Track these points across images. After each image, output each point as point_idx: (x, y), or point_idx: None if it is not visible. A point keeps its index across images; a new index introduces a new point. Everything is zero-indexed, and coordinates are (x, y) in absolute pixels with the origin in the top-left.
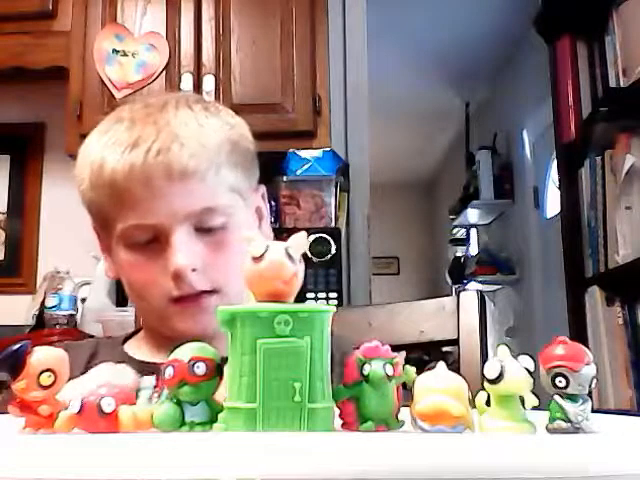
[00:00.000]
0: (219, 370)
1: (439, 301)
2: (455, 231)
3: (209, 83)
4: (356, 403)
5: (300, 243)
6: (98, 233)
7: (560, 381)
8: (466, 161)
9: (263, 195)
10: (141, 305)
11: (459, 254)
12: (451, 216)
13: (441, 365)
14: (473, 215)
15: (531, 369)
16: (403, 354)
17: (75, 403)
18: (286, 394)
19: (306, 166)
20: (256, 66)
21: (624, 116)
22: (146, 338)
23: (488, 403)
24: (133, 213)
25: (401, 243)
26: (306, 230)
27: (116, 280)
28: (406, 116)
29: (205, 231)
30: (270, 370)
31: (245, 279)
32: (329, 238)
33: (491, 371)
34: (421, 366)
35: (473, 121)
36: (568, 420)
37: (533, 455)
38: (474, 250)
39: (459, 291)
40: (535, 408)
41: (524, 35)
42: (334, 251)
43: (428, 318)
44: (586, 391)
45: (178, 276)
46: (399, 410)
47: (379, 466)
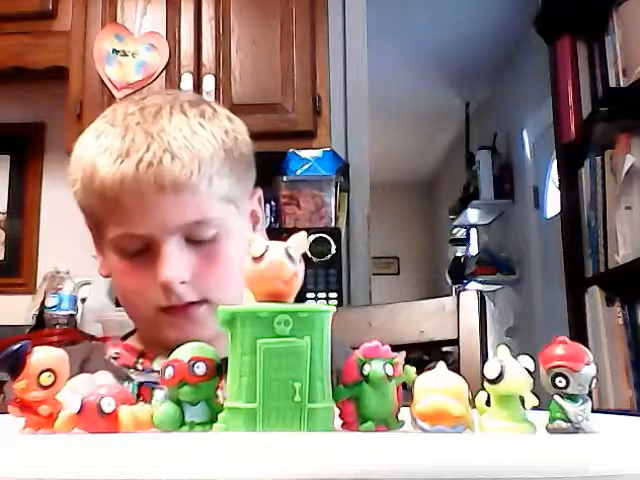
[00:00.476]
0: (219, 370)
1: (439, 301)
2: (455, 231)
3: (209, 83)
4: (356, 403)
5: (300, 243)
6: (92, 231)
7: (560, 381)
8: (466, 161)
9: (259, 199)
10: (131, 311)
11: (459, 254)
12: (451, 216)
13: (441, 365)
14: (473, 215)
15: (531, 369)
16: (403, 354)
17: (75, 403)
18: (286, 394)
19: (306, 166)
20: (256, 66)
21: (624, 116)
22: (140, 340)
23: (488, 403)
24: (123, 223)
25: (401, 243)
26: (306, 230)
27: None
28: (406, 116)
29: (196, 242)
30: (270, 370)
31: (245, 279)
32: (329, 238)
33: (491, 371)
34: (421, 366)
35: (473, 121)
36: (568, 420)
37: (533, 455)
38: (474, 250)
39: (459, 291)
40: (535, 408)
41: (524, 35)
42: (334, 251)
43: (428, 318)
44: (586, 391)
45: (167, 288)
46: (399, 410)
47: (379, 466)
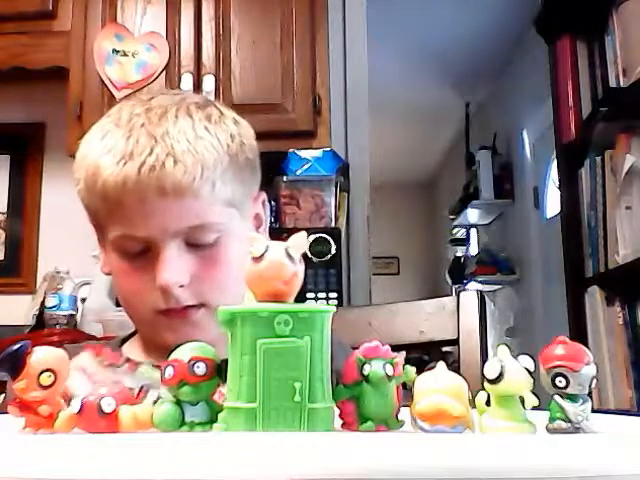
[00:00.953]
0: (219, 370)
1: (439, 301)
2: (455, 231)
3: (209, 83)
4: (356, 403)
5: (300, 243)
6: (95, 229)
7: (560, 381)
8: (466, 161)
9: (263, 202)
10: (129, 312)
11: (459, 254)
12: (451, 216)
13: (441, 365)
14: (473, 215)
15: (531, 369)
16: (403, 354)
17: (75, 403)
18: (286, 394)
19: (306, 166)
20: (256, 66)
21: (624, 116)
22: (141, 340)
23: (488, 403)
24: (124, 224)
25: (401, 243)
26: (306, 230)
27: None
28: (406, 116)
29: (196, 246)
30: (270, 370)
31: (245, 279)
32: (329, 238)
33: (491, 371)
34: (421, 366)
35: (473, 121)
36: (568, 420)
37: (533, 455)
38: (474, 250)
39: (459, 291)
40: (535, 408)
41: (524, 35)
42: (334, 251)
43: (428, 318)
44: (586, 391)
45: (165, 291)
46: (399, 410)
47: (379, 466)
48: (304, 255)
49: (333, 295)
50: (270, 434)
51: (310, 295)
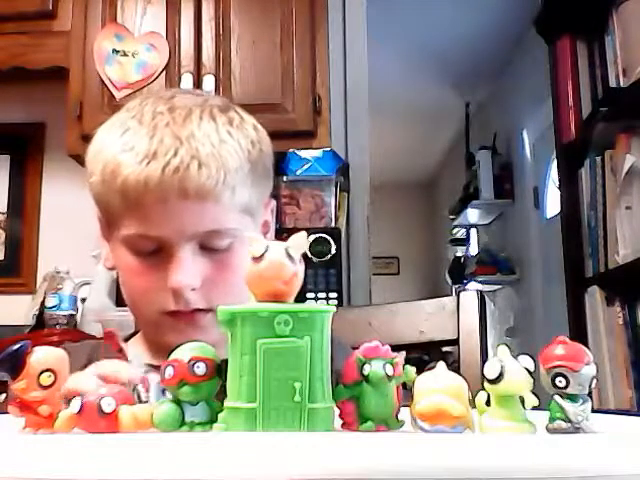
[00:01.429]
0: (219, 370)
1: (439, 301)
2: (455, 231)
3: (209, 83)
4: (356, 403)
5: (300, 243)
6: (101, 222)
7: (560, 381)
8: (466, 161)
9: (272, 210)
10: (134, 310)
11: (459, 254)
12: (451, 216)
13: (441, 365)
14: (473, 215)
15: (531, 369)
16: (403, 354)
17: (75, 403)
18: (286, 394)
19: (306, 166)
20: (256, 66)
21: (624, 116)
22: (144, 340)
23: (488, 403)
24: (141, 223)
25: (401, 243)
26: (306, 230)
27: (116, 280)
28: (406, 116)
29: (210, 250)
30: (270, 370)
31: (245, 279)
32: (329, 238)
33: (491, 371)
34: (421, 366)
35: (473, 121)
36: (568, 420)
37: (533, 455)
38: (474, 250)
39: (459, 291)
40: (535, 408)
41: (524, 35)
42: (334, 251)
43: (428, 318)
44: (586, 391)
45: (176, 293)
46: (399, 410)
47: (379, 466)
48: (304, 255)
49: (333, 295)
50: (270, 434)
51: (310, 295)
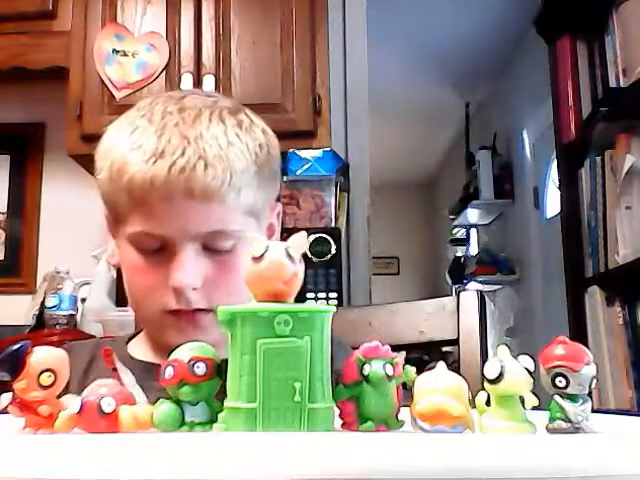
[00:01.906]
0: (219, 371)
1: (439, 301)
2: (455, 231)
3: (209, 83)
4: (356, 403)
5: (300, 243)
6: (108, 219)
7: (560, 381)
8: (466, 161)
9: (278, 213)
10: (136, 308)
11: (459, 254)
12: (451, 216)
13: (441, 365)
14: (473, 215)
15: (531, 369)
16: (403, 354)
17: (75, 403)
18: (286, 394)
19: (306, 166)
20: (256, 66)
21: (624, 116)
22: (147, 339)
23: (488, 403)
24: (145, 221)
25: (401, 243)
26: (306, 230)
27: (116, 280)
28: (406, 116)
29: (213, 251)
30: (270, 370)
31: (245, 279)
32: (329, 238)
33: (491, 371)
34: (421, 366)
35: (473, 121)
36: (568, 420)
37: (533, 455)
38: (474, 250)
39: (459, 291)
40: (535, 408)
41: (524, 35)
42: (334, 251)
43: (428, 318)
44: (586, 391)
45: (178, 292)
46: (399, 410)
47: (379, 466)
48: (304, 255)
49: (333, 295)
50: (270, 434)
51: (310, 295)
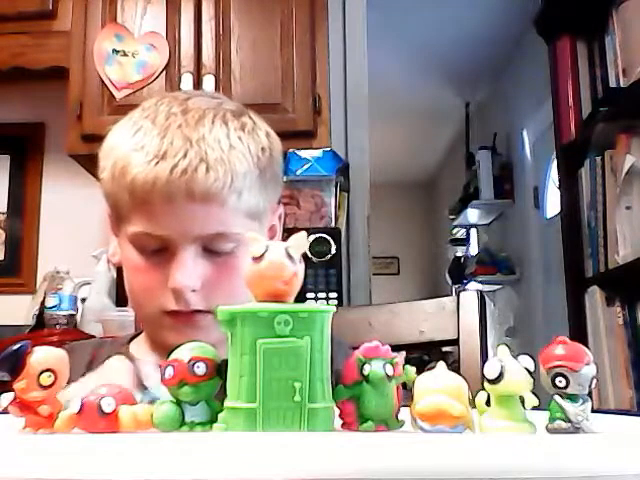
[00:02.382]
0: (219, 371)
1: (439, 301)
2: (455, 231)
3: (209, 83)
4: (356, 403)
5: (300, 243)
6: (110, 217)
7: (560, 381)
8: (466, 161)
9: (280, 216)
10: (136, 308)
11: (459, 254)
12: (451, 216)
13: (441, 365)
14: (473, 215)
15: (531, 369)
16: (403, 354)
17: (75, 403)
18: (286, 394)
19: (306, 166)
20: (256, 66)
21: (624, 116)
22: (147, 339)
23: (488, 403)
24: (146, 222)
25: (401, 243)
26: (306, 230)
27: (116, 280)
28: (406, 116)
29: (213, 253)
30: (270, 370)
31: (245, 279)
32: (329, 238)
33: (491, 371)
34: (421, 366)
35: (473, 121)
36: (568, 420)
37: (533, 455)
38: (474, 250)
39: (459, 291)
40: (535, 408)
41: (524, 35)
42: (334, 251)
43: (428, 318)
44: (586, 391)
45: (177, 293)
46: (399, 410)
47: (379, 466)
48: (304, 255)
49: (333, 295)
50: (270, 434)
51: (310, 295)
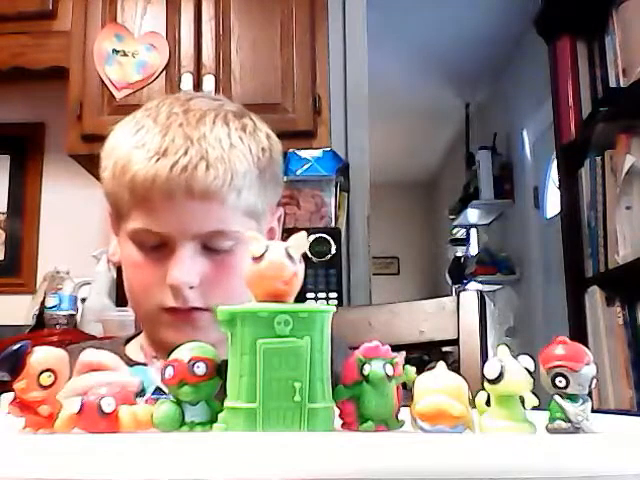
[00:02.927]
0: (219, 371)
1: (439, 301)
2: (455, 231)
3: (209, 83)
4: (356, 403)
5: (300, 243)
6: (111, 216)
7: (560, 381)
8: (466, 161)
9: (279, 217)
10: (135, 305)
11: (459, 254)
12: (451, 216)
13: (441, 365)
14: (473, 215)
15: (531, 369)
16: (403, 354)
17: (75, 403)
18: (286, 394)
19: (306, 166)
20: (256, 66)
21: (624, 116)
22: (146, 339)
23: (488, 403)
24: (146, 218)
25: (401, 243)
26: (306, 230)
27: (116, 280)
28: (406, 116)
29: (212, 250)
30: (270, 370)
31: (245, 279)
32: (329, 238)
33: (491, 371)
34: (421, 366)
35: (473, 121)
36: (568, 420)
37: (533, 455)
38: (474, 250)
39: (459, 291)
40: (535, 408)
41: (524, 35)
42: (334, 251)
43: (428, 318)
44: (586, 391)
45: (174, 290)
46: (399, 410)
47: (379, 466)
48: (304, 255)
49: (333, 295)
50: (270, 434)
51: (310, 295)
